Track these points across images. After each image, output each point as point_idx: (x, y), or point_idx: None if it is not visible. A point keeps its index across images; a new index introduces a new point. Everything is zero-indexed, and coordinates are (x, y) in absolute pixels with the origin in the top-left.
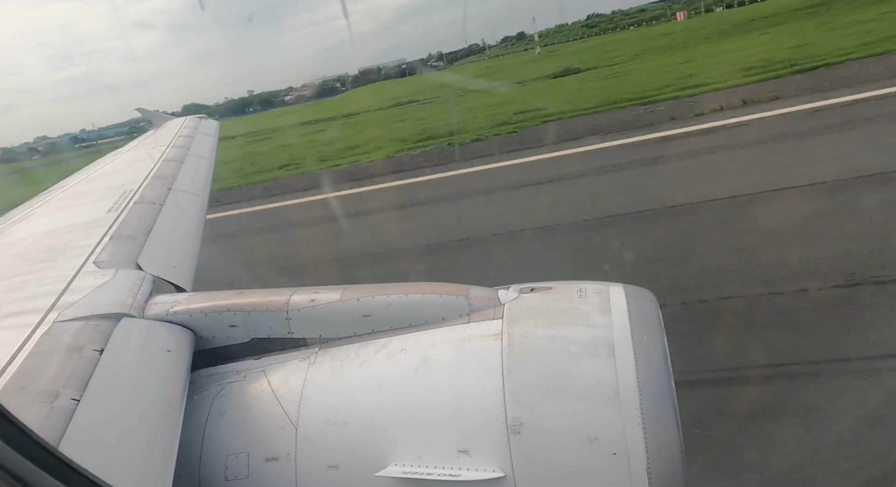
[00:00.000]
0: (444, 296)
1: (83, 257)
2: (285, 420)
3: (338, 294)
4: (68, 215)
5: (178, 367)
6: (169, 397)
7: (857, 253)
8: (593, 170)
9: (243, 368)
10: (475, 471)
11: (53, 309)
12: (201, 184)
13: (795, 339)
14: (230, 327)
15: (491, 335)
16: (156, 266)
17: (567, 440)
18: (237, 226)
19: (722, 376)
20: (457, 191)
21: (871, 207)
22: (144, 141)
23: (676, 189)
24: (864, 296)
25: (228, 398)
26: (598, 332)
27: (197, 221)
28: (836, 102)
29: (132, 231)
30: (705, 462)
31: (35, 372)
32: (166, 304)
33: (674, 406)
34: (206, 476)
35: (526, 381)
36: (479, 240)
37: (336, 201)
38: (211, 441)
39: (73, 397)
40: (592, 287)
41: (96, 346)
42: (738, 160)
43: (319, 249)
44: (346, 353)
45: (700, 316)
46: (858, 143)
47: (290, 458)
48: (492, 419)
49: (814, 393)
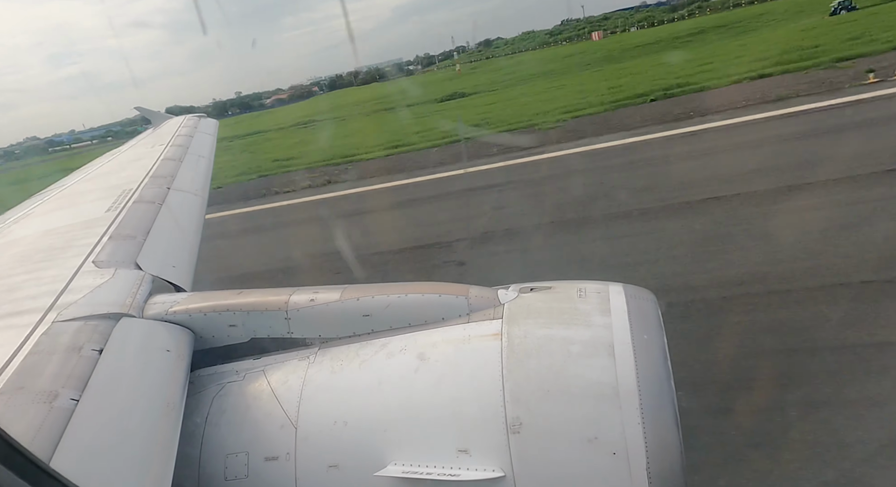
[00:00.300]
0: (443, 296)
1: (82, 257)
2: (285, 420)
3: (337, 294)
4: (67, 214)
5: (178, 367)
6: (168, 397)
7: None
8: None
9: (243, 368)
10: (475, 471)
11: (52, 309)
12: (200, 184)
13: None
14: (230, 327)
15: (490, 335)
16: (155, 265)
17: (567, 439)
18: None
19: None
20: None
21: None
22: (143, 139)
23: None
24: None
25: (228, 397)
26: (597, 332)
27: (196, 221)
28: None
29: (131, 230)
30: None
31: (34, 372)
32: (165, 304)
33: (673, 406)
34: (206, 475)
35: (525, 381)
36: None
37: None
38: (210, 440)
39: (73, 397)
40: (592, 287)
41: (95, 346)
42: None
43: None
44: (346, 353)
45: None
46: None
47: (289, 458)
48: (491, 419)
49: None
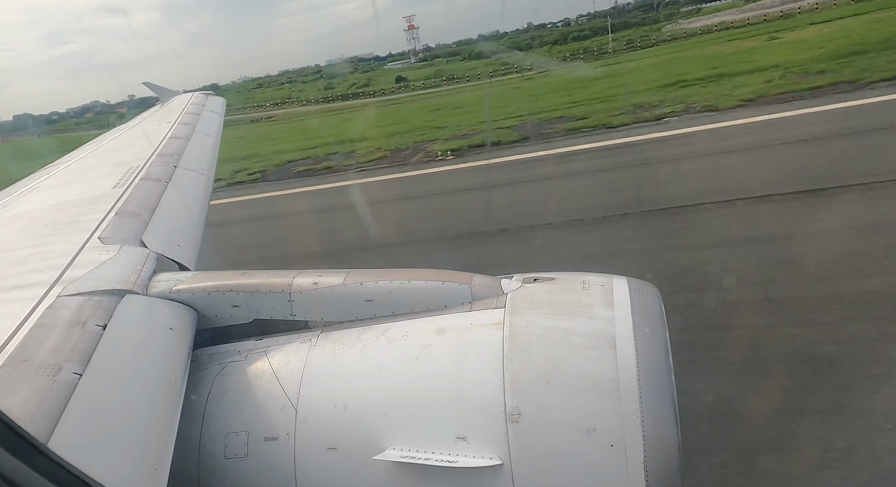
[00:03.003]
0: (446, 284)
1: (88, 232)
2: (285, 401)
3: (341, 278)
4: (74, 189)
5: (180, 345)
6: (170, 374)
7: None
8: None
9: (245, 348)
10: (472, 458)
11: (58, 284)
12: (207, 163)
13: None
14: (233, 307)
15: (492, 324)
16: (160, 243)
17: (565, 430)
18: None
19: None
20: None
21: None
22: (151, 116)
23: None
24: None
25: (229, 377)
26: (600, 324)
27: (202, 200)
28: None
29: (137, 208)
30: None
31: (38, 346)
32: (170, 282)
33: (673, 401)
34: (206, 453)
35: (526, 371)
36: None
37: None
38: (211, 419)
39: (76, 371)
40: (596, 279)
41: (99, 322)
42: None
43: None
44: (348, 337)
45: None
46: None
47: (289, 439)
48: (490, 407)
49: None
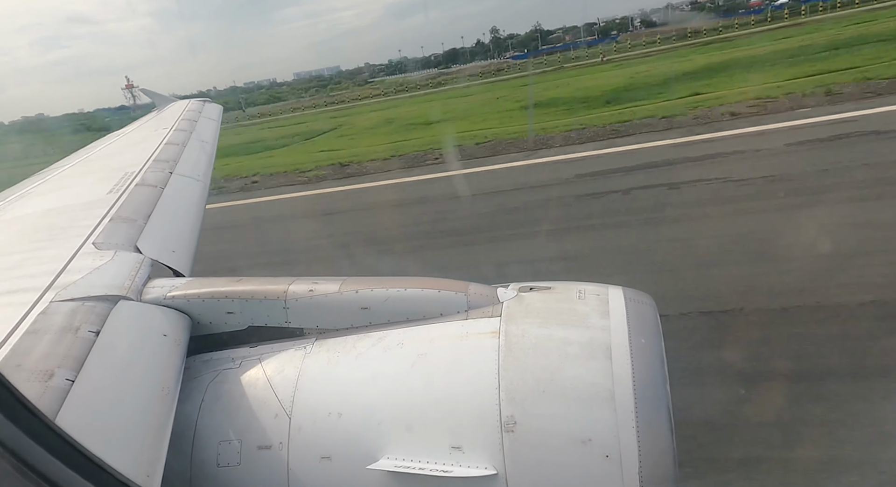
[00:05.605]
0: (442, 292)
1: (82, 237)
2: (279, 409)
3: (336, 285)
4: (68, 194)
5: (174, 352)
6: (163, 381)
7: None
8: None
9: (239, 355)
10: (467, 468)
11: (51, 289)
12: (203, 169)
13: None
14: (227, 314)
15: (488, 332)
16: (155, 249)
17: (560, 440)
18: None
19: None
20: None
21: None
22: (147, 122)
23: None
24: None
25: (223, 384)
26: (595, 334)
27: (197, 206)
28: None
29: (132, 213)
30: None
31: (30, 351)
32: (164, 288)
33: (668, 411)
34: (198, 461)
35: (521, 380)
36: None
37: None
38: (204, 426)
39: (68, 377)
40: (592, 288)
41: (92, 328)
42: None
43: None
44: (343, 345)
45: None
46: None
47: (282, 447)
48: (486, 416)
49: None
